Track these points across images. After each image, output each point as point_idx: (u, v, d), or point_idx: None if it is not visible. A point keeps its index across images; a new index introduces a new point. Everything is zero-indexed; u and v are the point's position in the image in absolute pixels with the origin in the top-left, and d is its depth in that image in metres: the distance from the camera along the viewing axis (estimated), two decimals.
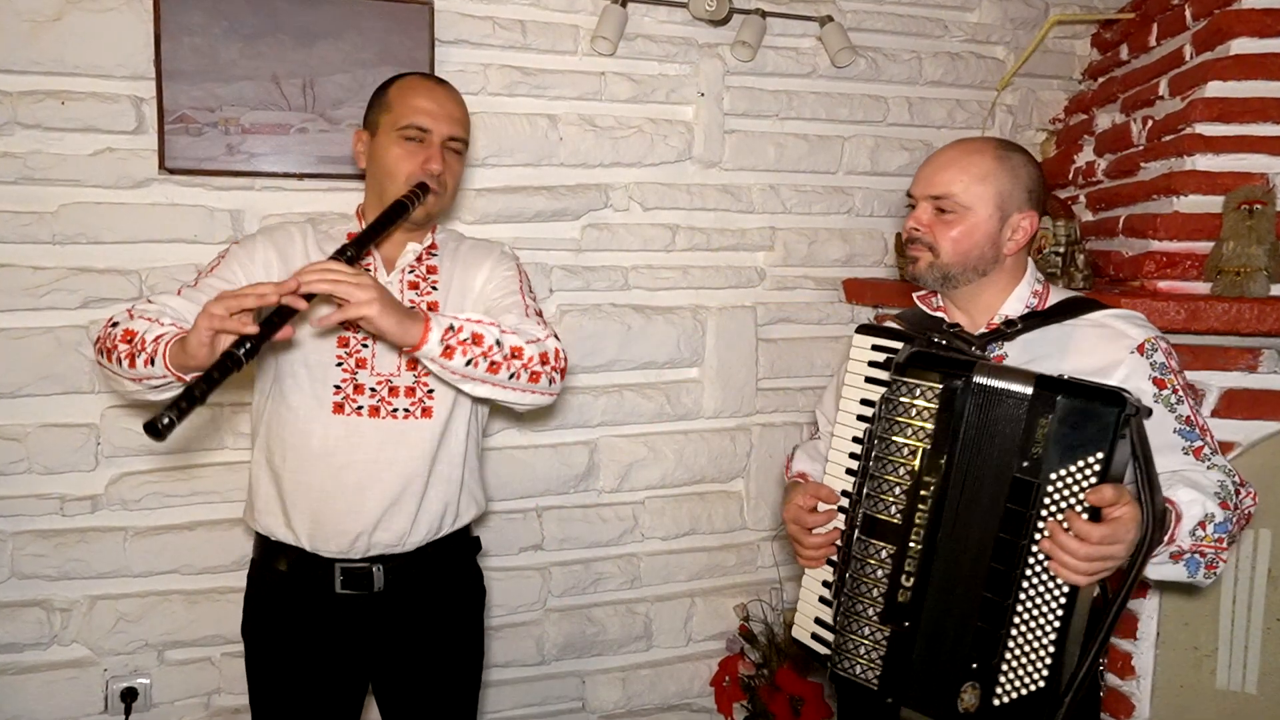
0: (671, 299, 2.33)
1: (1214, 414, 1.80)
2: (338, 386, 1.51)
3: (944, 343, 1.41)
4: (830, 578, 1.44)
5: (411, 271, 1.58)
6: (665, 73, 2.26)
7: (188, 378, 1.32)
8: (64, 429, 1.92)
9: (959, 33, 2.49)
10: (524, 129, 2.15)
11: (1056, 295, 1.49)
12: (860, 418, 1.43)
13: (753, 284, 2.40)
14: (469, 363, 1.40)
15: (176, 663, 2.04)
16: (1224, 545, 1.30)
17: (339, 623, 1.55)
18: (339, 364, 1.51)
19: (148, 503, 1.98)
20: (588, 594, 2.33)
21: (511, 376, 1.44)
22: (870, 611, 1.33)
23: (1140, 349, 1.39)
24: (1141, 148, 2.15)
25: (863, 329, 1.49)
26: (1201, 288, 1.90)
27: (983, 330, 1.45)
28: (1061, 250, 2.08)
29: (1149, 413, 1.24)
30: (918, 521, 1.29)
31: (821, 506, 1.45)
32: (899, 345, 1.40)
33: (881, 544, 1.32)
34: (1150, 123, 2.12)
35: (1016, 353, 1.42)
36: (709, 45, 2.28)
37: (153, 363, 1.33)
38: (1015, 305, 1.47)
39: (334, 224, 1.64)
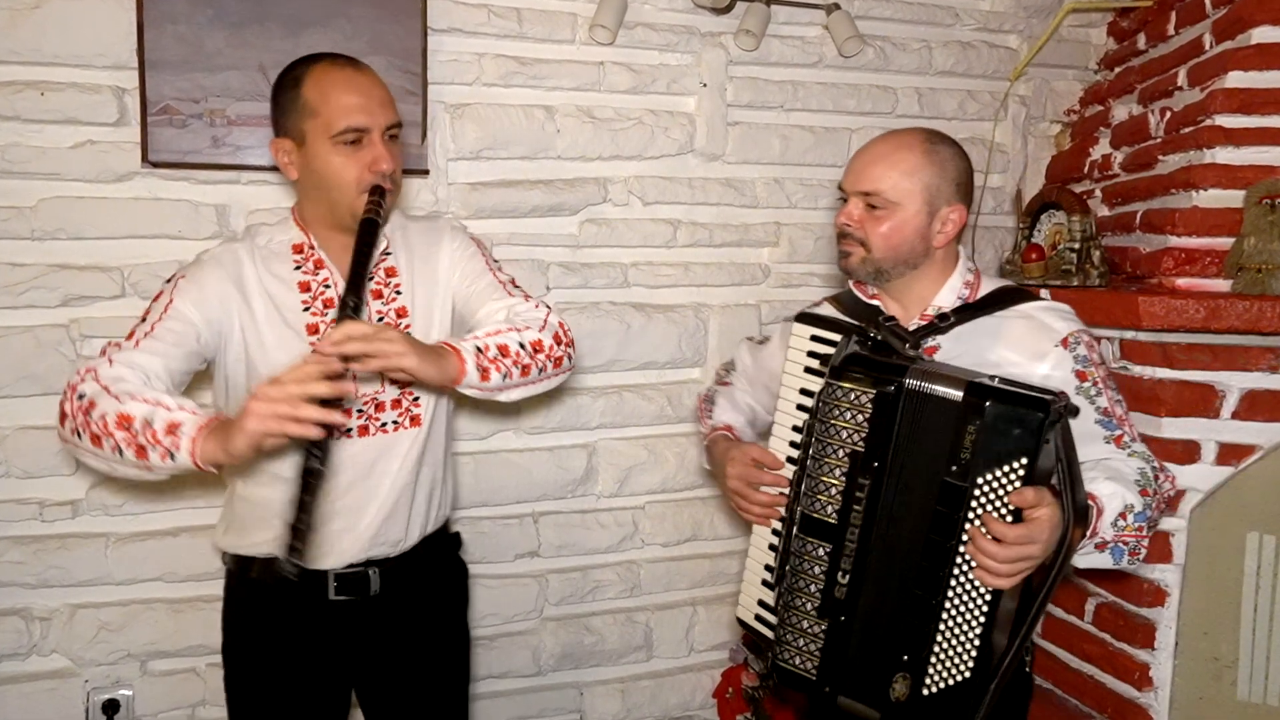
0: (672, 297, 2.33)
1: (1234, 416, 1.80)
2: None
3: (879, 338, 1.49)
4: (773, 562, 1.54)
5: (372, 279, 1.55)
6: (666, 62, 2.27)
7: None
8: (43, 432, 1.92)
9: (970, 21, 2.49)
10: (520, 121, 2.15)
11: (988, 285, 1.58)
12: (800, 407, 1.52)
13: (757, 281, 2.40)
14: (504, 376, 1.46)
15: (160, 673, 2.04)
16: (1144, 533, 1.43)
17: (331, 630, 1.56)
18: None
19: (130, 508, 1.99)
20: (586, 602, 2.33)
21: (540, 371, 1.52)
22: (808, 606, 1.43)
23: (1064, 342, 1.49)
24: (1159, 140, 2.15)
25: (801, 317, 1.58)
26: (1221, 285, 1.90)
27: (917, 323, 1.55)
28: (1076, 246, 2.09)
29: (1076, 412, 1.33)
30: (853, 521, 1.39)
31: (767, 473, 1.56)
32: (838, 336, 1.49)
33: (818, 542, 1.42)
34: (1168, 114, 2.13)
35: (950, 344, 1.51)
36: (711, 34, 2.28)
37: (172, 457, 1.25)
38: (948, 296, 1.56)
39: (272, 236, 1.54)
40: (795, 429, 1.53)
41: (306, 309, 1.50)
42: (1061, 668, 2.05)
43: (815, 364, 1.51)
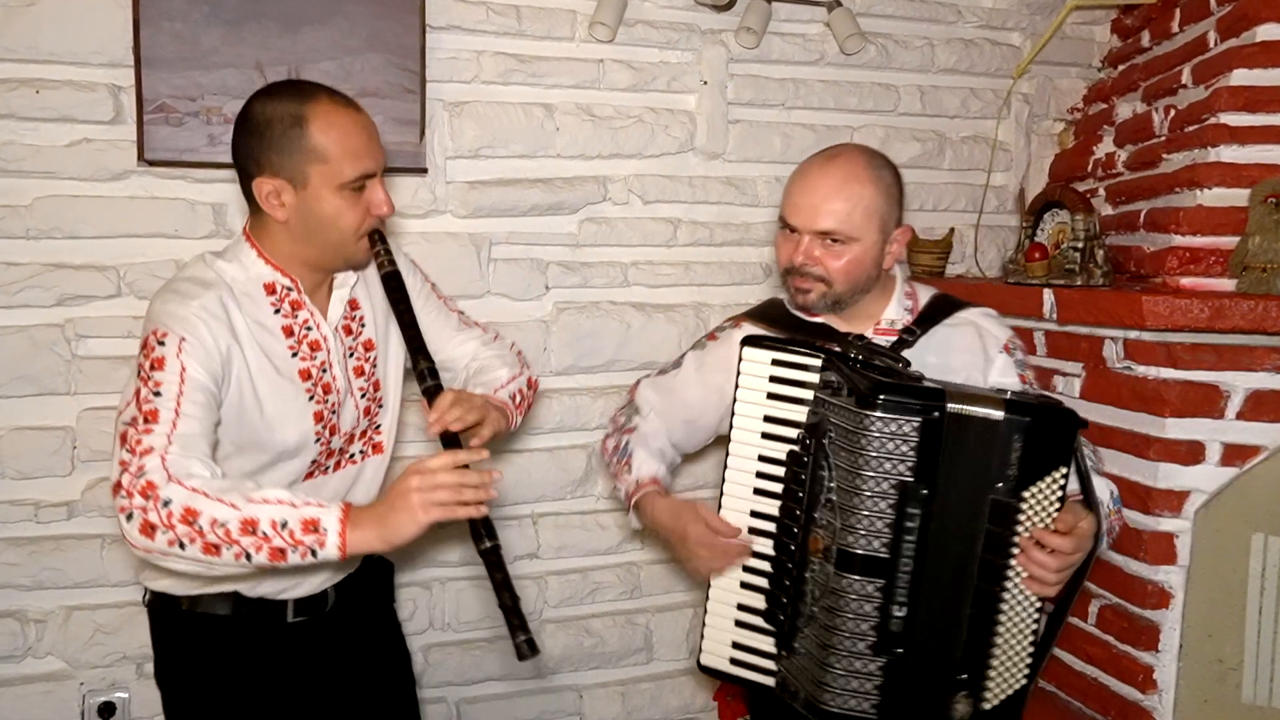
0: (673, 296, 2.33)
1: (1239, 416, 1.80)
2: (314, 460, 1.51)
3: (859, 357, 1.48)
4: (753, 602, 1.51)
5: (343, 315, 1.54)
6: (666, 60, 2.27)
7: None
8: (38, 432, 1.93)
9: (973, 18, 2.49)
10: (519, 119, 2.15)
11: (923, 294, 1.66)
12: (768, 436, 1.49)
13: (758, 281, 2.40)
14: (524, 412, 1.69)
15: None
16: (1120, 515, 1.56)
17: (287, 653, 1.54)
18: (316, 439, 1.49)
19: None
20: (586, 604, 2.33)
21: (530, 407, 1.74)
22: (859, 645, 1.38)
23: (1006, 348, 1.61)
24: (1163, 138, 2.15)
25: (752, 341, 1.54)
26: (1226, 284, 1.90)
27: (883, 339, 1.59)
28: (1080, 246, 2.08)
29: (1085, 424, 1.40)
30: (905, 553, 1.36)
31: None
32: (808, 360, 1.46)
33: (868, 579, 1.37)
34: (1173, 112, 2.13)
35: (914, 356, 1.54)
36: (712, 31, 2.28)
37: (314, 554, 1.22)
38: (896, 309, 1.63)
39: (247, 287, 1.45)
40: (764, 459, 1.49)
41: (294, 354, 1.47)
42: (1064, 670, 2.05)
43: (782, 389, 1.48)
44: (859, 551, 1.37)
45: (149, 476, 1.20)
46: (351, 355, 1.55)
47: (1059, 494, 1.35)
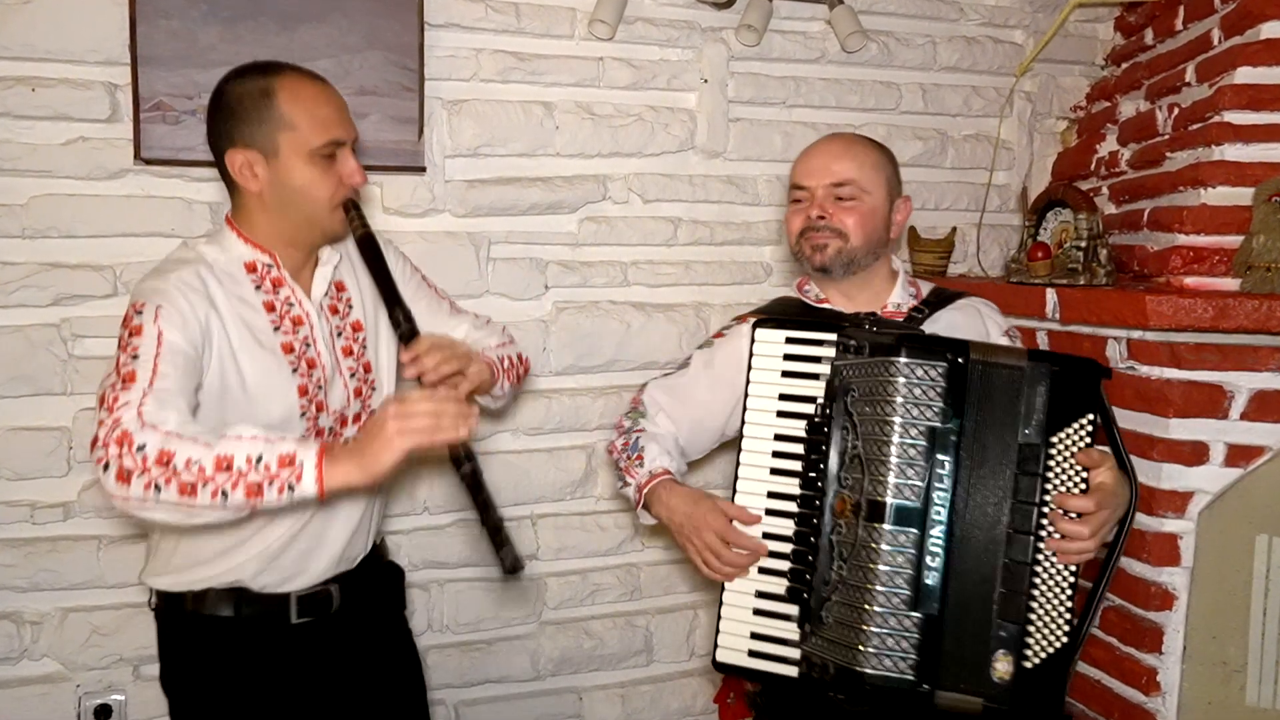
0: (673, 296, 2.33)
1: (1243, 417, 1.80)
2: (302, 438, 1.49)
3: (875, 329, 1.51)
4: (771, 587, 1.48)
5: (327, 294, 1.56)
6: (667, 58, 2.27)
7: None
8: (34, 433, 1.92)
9: (975, 16, 2.49)
10: (518, 117, 2.15)
11: (924, 287, 1.72)
12: (785, 414, 1.50)
13: (759, 280, 2.40)
14: (515, 381, 1.68)
15: (152, 678, 2.02)
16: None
17: (293, 657, 1.53)
18: (302, 414, 1.49)
19: None
20: (585, 606, 2.33)
21: (519, 382, 1.72)
22: (894, 600, 1.34)
23: (1007, 334, 1.70)
24: (1167, 137, 2.15)
25: (765, 323, 1.57)
26: (1230, 284, 1.90)
27: (890, 316, 1.64)
28: (1083, 245, 2.08)
29: (1109, 373, 1.44)
30: (937, 501, 1.35)
31: (739, 526, 1.51)
32: (818, 336, 1.50)
33: (899, 529, 1.35)
34: (1176, 110, 2.13)
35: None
36: (712, 29, 2.28)
37: (291, 489, 1.21)
38: (901, 294, 1.68)
39: (229, 267, 1.47)
40: (780, 438, 1.50)
41: (277, 329, 1.48)
42: None
43: (797, 366, 1.50)
44: (889, 500, 1.35)
45: (124, 426, 1.22)
46: (340, 335, 1.56)
47: (1087, 440, 1.37)
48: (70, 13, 1.85)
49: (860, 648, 1.34)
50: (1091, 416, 1.37)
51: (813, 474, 1.44)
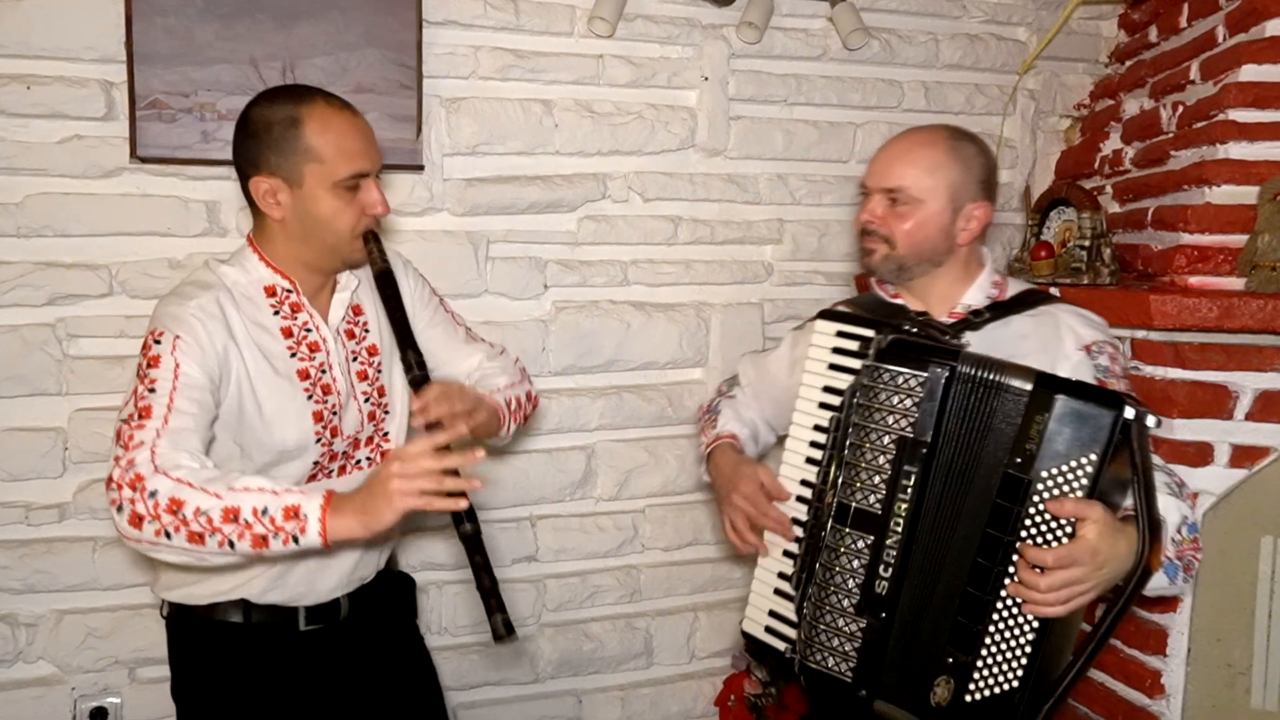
0: (673, 295, 2.33)
1: (1248, 417, 1.80)
2: (316, 463, 1.52)
3: (916, 330, 1.49)
4: (789, 569, 1.51)
5: (344, 319, 1.58)
6: (667, 55, 2.26)
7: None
8: (29, 433, 1.92)
9: (978, 13, 2.49)
10: (517, 115, 2.15)
11: (1014, 287, 1.61)
12: (824, 406, 1.50)
13: (759, 279, 2.40)
14: (522, 422, 1.73)
15: (149, 681, 2.03)
16: (1197, 545, 1.39)
17: (302, 663, 1.54)
18: (317, 440, 1.51)
19: None
20: (585, 608, 2.33)
21: (525, 420, 1.77)
22: (845, 602, 1.39)
23: (1088, 349, 1.51)
24: (1171, 135, 2.15)
25: (826, 315, 1.57)
26: (1235, 283, 1.90)
27: (946, 319, 1.55)
28: (1086, 244, 2.08)
29: (1158, 422, 1.30)
30: (897, 512, 1.35)
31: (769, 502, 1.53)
32: (867, 332, 1.47)
33: (858, 534, 1.38)
34: (1181, 108, 2.12)
35: (979, 342, 1.50)
36: (713, 26, 2.28)
37: (296, 540, 1.24)
38: (977, 295, 1.58)
39: (248, 290, 1.49)
40: (818, 428, 1.51)
41: (293, 354, 1.50)
42: None
43: (842, 360, 1.49)
44: (853, 505, 1.38)
45: (138, 469, 1.25)
46: (355, 359, 1.58)
47: (1084, 482, 1.25)
48: (66, 10, 1.85)
49: (811, 639, 1.41)
50: (1093, 457, 1.25)
51: (822, 468, 1.47)
